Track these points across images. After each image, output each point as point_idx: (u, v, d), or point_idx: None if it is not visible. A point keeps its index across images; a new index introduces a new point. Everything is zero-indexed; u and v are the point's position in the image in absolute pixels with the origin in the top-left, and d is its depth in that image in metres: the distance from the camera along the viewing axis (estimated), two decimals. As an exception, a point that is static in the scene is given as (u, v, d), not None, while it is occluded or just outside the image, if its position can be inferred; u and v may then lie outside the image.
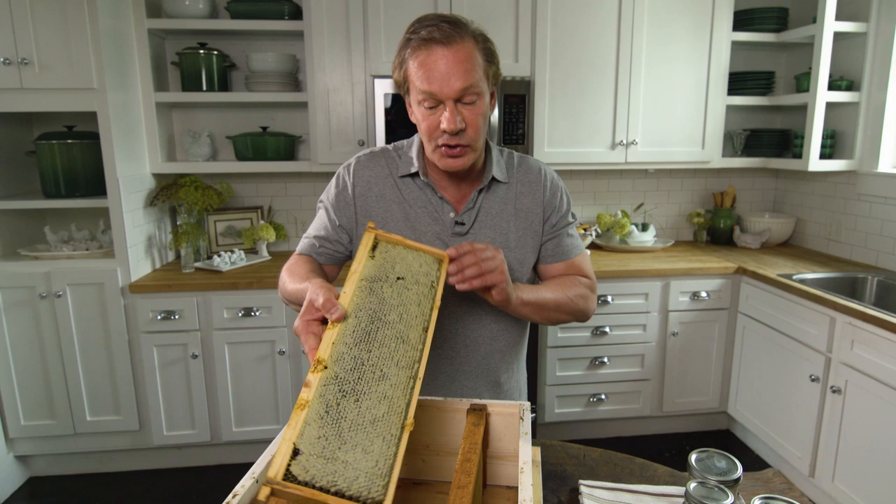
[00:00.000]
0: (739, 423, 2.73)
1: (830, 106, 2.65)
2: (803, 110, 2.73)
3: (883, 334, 1.91)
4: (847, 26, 2.53)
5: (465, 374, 1.19)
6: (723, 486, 0.72)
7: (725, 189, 3.20)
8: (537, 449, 0.94)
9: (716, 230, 3.14)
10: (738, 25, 2.77)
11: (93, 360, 2.38)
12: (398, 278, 0.87)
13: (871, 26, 2.54)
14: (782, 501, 0.69)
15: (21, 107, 2.19)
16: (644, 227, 2.99)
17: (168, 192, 2.56)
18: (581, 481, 1.00)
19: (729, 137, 3.05)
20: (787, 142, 3.01)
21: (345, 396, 0.69)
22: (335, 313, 0.77)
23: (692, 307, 2.65)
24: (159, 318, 2.36)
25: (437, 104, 1.02)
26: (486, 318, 1.18)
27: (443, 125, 1.02)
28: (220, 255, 2.60)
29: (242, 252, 2.69)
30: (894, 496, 1.88)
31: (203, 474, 2.54)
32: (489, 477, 0.92)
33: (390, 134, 2.48)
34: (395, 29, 2.47)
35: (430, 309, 0.86)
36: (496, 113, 2.53)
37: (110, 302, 2.33)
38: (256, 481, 0.69)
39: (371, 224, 0.93)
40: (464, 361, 1.18)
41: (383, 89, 2.45)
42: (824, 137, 2.65)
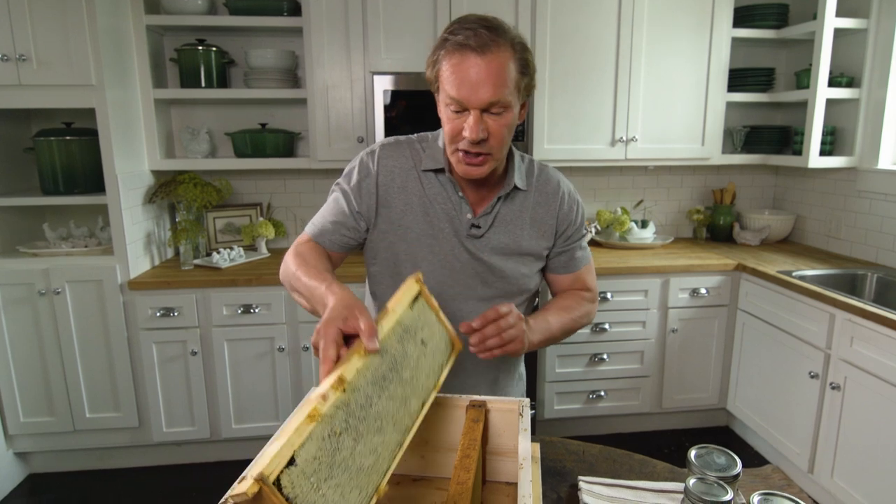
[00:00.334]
0: (739, 419, 2.73)
1: (830, 102, 2.64)
2: (803, 107, 2.73)
3: (882, 331, 1.91)
4: (847, 23, 2.52)
5: (465, 373, 1.19)
6: (722, 483, 0.72)
7: (725, 186, 3.19)
8: (536, 445, 0.94)
9: (715, 227, 3.14)
10: (739, 22, 2.76)
11: (92, 356, 2.38)
12: (422, 341, 0.85)
13: (872, 23, 2.53)
14: (781, 497, 0.69)
15: (19, 103, 2.18)
16: (644, 224, 2.99)
17: (167, 189, 2.56)
18: (580, 477, 1.00)
19: (729, 134, 3.04)
20: (787, 138, 3.00)
21: (347, 430, 0.66)
22: (372, 345, 0.74)
23: (692, 304, 2.65)
24: (158, 314, 2.36)
25: (463, 110, 1.01)
26: None
27: (465, 133, 1.01)
28: (219, 252, 2.60)
29: (241, 249, 2.69)
30: (893, 492, 1.88)
31: (202, 471, 2.54)
32: (489, 473, 0.92)
33: (390, 130, 2.48)
34: (395, 25, 2.46)
35: (433, 387, 0.85)
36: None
37: (109, 299, 2.33)
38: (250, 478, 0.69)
39: (420, 276, 0.90)
40: (465, 359, 1.18)
41: (382, 86, 2.45)
42: (824, 134, 2.65)
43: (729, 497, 0.69)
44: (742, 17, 2.78)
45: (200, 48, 2.54)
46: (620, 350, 2.66)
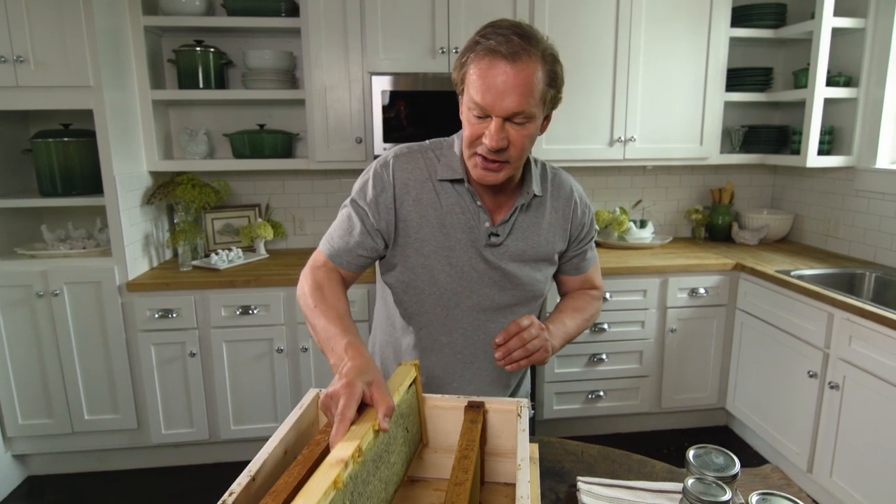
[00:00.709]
0: (737, 419, 2.73)
1: (828, 102, 2.64)
2: (801, 106, 2.73)
3: (881, 330, 1.91)
4: (845, 22, 2.53)
5: (481, 379, 1.21)
6: (721, 483, 0.71)
7: (724, 185, 3.19)
8: (535, 446, 0.94)
9: (714, 227, 3.14)
10: (737, 21, 2.76)
11: (90, 358, 2.37)
12: (406, 429, 0.84)
13: (870, 22, 2.53)
14: (780, 497, 0.69)
15: (17, 105, 2.18)
16: (642, 224, 2.99)
17: (165, 191, 2.55)
18: (579, 478, 1.00)
19: (727, 134, 3.04)
20: (786, 138, 3.00)
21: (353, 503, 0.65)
22: (385, 425, 0.73)
23: (690, 304, 2.65)
24: (157, 316, 2.35)
25: (485, 116, 0.99)
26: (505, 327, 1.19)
27: (485, 140, 1.00)
28: (217, 254, 2.60)
29: (240, 250, 2.68)
30: (892, 491, 1.88)
31: (201, 472, 2.54)
32: (487, 474, 0.92)
33: (388, 131, 2.48)
34: (393, 26, 2.46)
35: (401, 477, 0.82)
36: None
37: (107, 300, 2.33)
38: (253, 479, 0.69)
39: (417, 362, 0.90)
40: (481, 367, 1.20)
41: (381, 86, 2.45)
42: (822, 133, 2.65)
43: (727, 497, 0.69)
44: (740, 17, 2.78)
45: (198, 49, 2.53)
46: (619, 350, 2.66)
